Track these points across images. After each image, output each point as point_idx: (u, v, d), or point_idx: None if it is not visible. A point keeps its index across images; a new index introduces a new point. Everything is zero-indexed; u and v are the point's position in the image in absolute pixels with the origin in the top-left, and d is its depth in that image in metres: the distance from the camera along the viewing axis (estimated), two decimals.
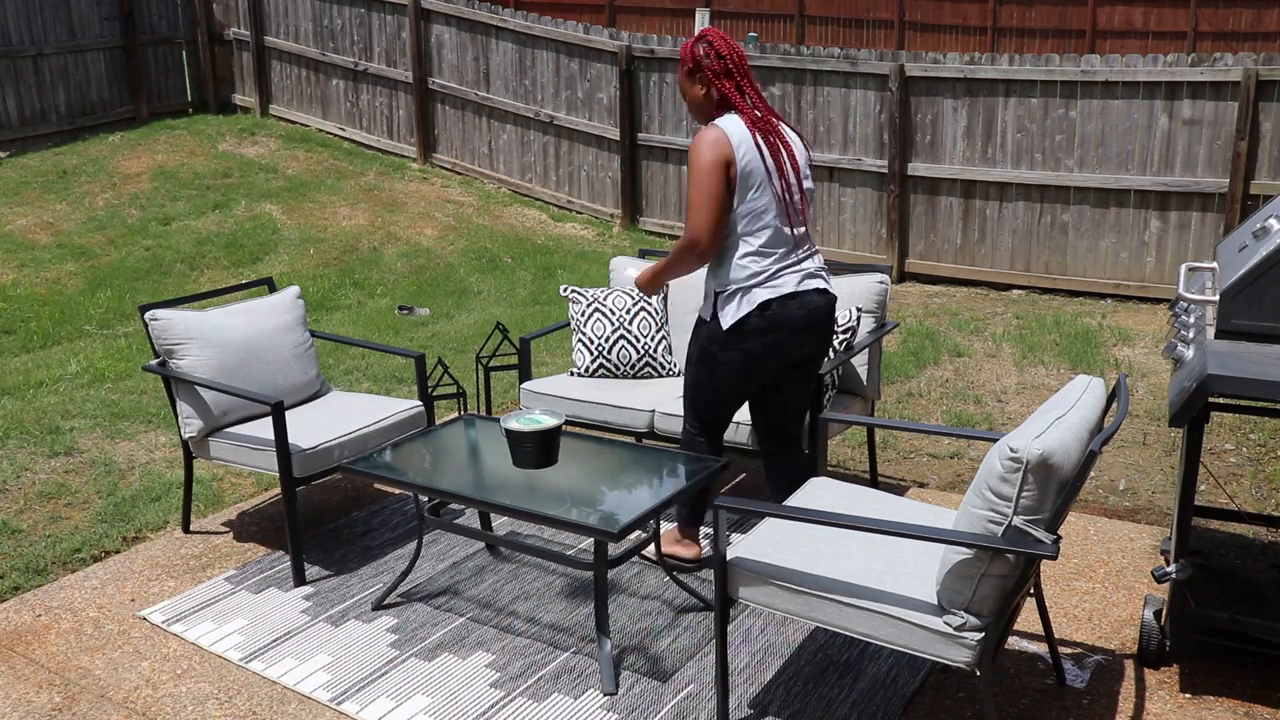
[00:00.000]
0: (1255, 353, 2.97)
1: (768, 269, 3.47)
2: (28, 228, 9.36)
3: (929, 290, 8.31)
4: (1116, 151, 7.68)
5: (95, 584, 3.97)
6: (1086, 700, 3.20)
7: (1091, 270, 7.93)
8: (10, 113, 10.94)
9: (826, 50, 8.54)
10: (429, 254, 9.17)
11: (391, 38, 10.99)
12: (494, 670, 3.39)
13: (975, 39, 13.79)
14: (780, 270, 3.49)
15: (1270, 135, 7.23)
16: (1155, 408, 5.58)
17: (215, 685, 3.35)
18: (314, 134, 11.76)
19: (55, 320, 7.73)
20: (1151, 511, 4.48)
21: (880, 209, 8.52)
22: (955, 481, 4.79)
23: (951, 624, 2.68)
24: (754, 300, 3.45)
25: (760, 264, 3.46)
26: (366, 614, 3.73)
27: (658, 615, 3.69)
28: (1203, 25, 12.71)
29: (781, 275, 3.49)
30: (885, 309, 4.46)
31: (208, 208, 9.82)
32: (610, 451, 3.80)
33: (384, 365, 6.52)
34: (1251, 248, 3.16)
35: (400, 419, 4.29)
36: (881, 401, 5.69)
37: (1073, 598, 3.77)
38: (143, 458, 5.07)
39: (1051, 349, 6.56)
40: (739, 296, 3.48)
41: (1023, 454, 2.55)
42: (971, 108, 8.04)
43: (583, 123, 9.83)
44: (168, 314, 4.15)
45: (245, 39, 12.15)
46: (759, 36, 14.67)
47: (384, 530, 4.38)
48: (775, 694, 3.25)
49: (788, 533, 3.13)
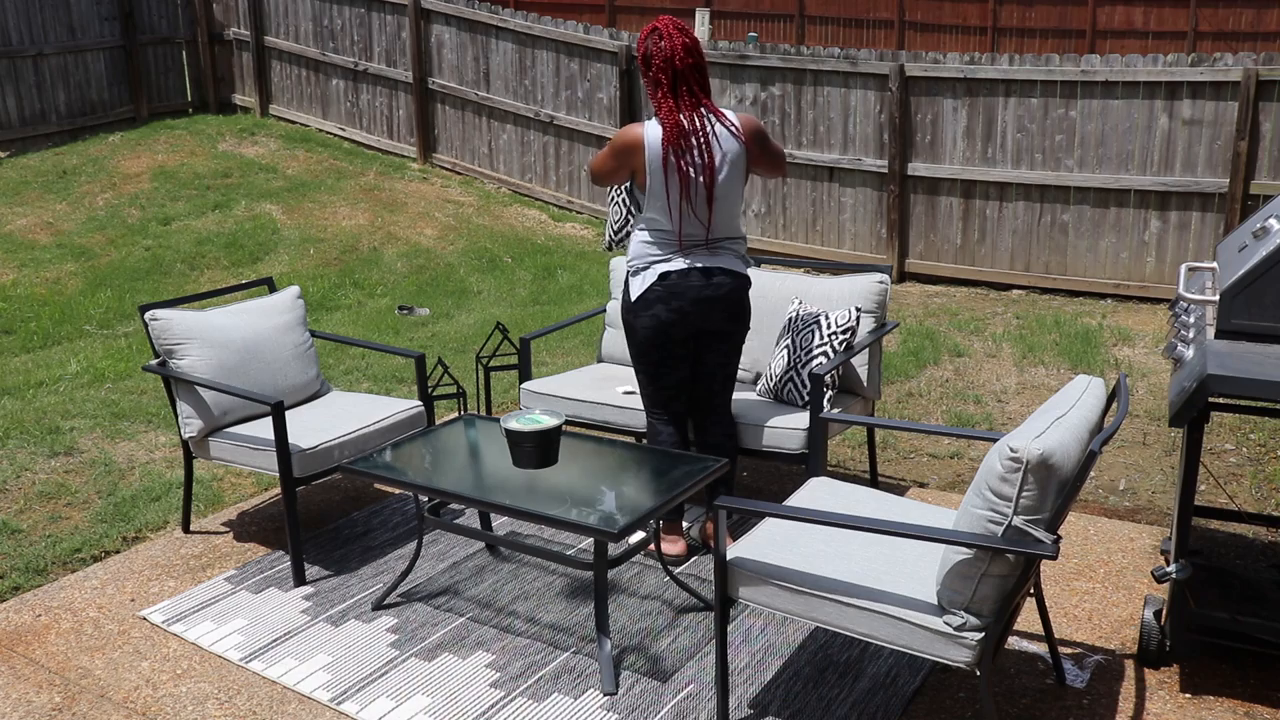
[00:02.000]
0: (1255, 353, 2.97)
1: (668, 251, 3.82)
2: (28, 228, 9.36)
3: (929, 290, 8.31)
4: (1116, 151, 7.68)
5: (95, 584, 3.97)
6: (1086, 700, 3.20)
7: (1091, 270, 7.93)
8: (10, 113, 10.94)
9: (826, 50, 8.54)
10: (429, 254, 9.17)
11: (391, 38, 11.00)
12: (494, 670, 3.39)
13: (975, 39, 13.79)
14: (682, 253, 3.82)
15: (1270, 135, 7.23)
16: (1155, 408, 5.58)
17: (215, 685, 3.35)
18: (314, 134, 11.76)
19: (55, 320, 7.73)
20: (1151, 511, 4.48)
21: (880, 209, 8.52)
22: (955, 481, 4.79)
23: (951, 624, 2.68)
24: (655, 272, 3.82)
25: (662, 248, 3.82)
26: (366, 614, 3.73)
27: (658, 615, 3.69)
28: (1203, 25, 12.71)
29: (684, 256, 3.82)
30: (885, 309, 4.46)
31: (208, 208, 9.82)
32: (610, 451, 3.80)
33: (384, 365, 6.52)
34: (1251, 248, 3.16)
35: (400, 419, 4.29)
36: (881, 401, 5.69)
37: (1073, 598, 3.77)
38: (143, 458, 5.07)
39: (1051, 349, 6.56)
40: (643, 272, 3.84)
41: (1023, 454, 2.55)
42: (971, 108, 8.04)
43: (583, 123, 9.83)
44: (168, 314, 4.15)
45: (245, 39, 12.15)
46: (759, 36, 14.68)
47: (384, 530, 4.38)
48: (775, 694, 3.25)
49: (788, 533, 3.13)
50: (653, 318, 3.83)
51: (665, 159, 3.69)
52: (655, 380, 3.97)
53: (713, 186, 3.73)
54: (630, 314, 3.89)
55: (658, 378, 3.97)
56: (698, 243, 3.83)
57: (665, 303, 3.80)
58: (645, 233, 3.85)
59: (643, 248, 3.85)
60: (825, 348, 4.19)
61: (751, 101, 8.87)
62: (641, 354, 3.94)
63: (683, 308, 3.81)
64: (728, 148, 3.75)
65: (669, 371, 3.95)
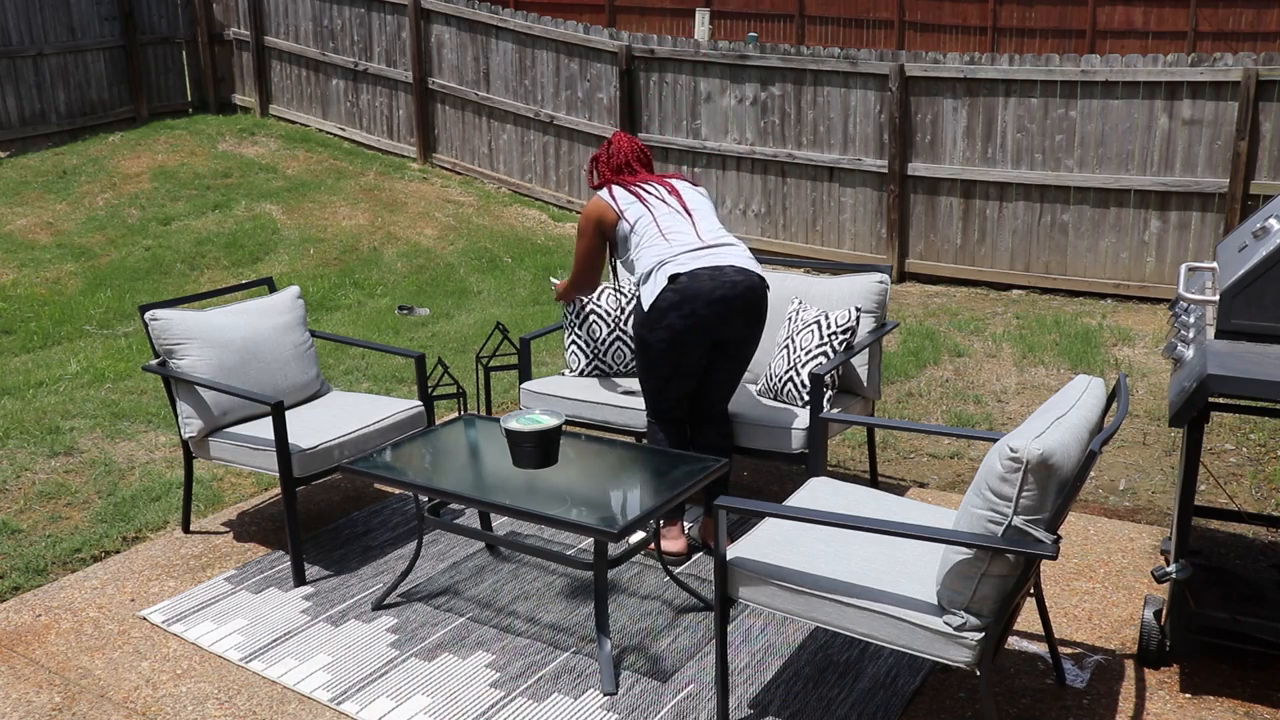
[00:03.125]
0: (1255, 353, 2.97)
1: (671, 251, 3.86)
2: (28, 228, 9.36)
3: (929, 290, 8.31)
4: (1116, 151, 7.68)
5: (95, 584, 3.97)
6: (1086, 700, 3.20)
7: (1091, 270, 7.94)
8: (10, 113, 10.94)
9: (826, 50, 8.54)
10: (429, 254, 9.17)
11: (391, 37, 11.00)
12: (494, 670, 3.39)
13: (975, 39, 13.79)
14: (686, 253, 3.86)
15: (1270, 135, 7.23)
16: (1155, 408, 5.58)
17: (215, 685, 3.35)
18: (314, 134, 11.76)
19: (55, 320, 7.73)
20: (1151, 511, 4.48)
21: (880, 209, 8.52)
22: (955, 481, 4.79)
23: (951, 624, 2.68)
24: (665, 275, 3.81)
25: (663, 249, 3.88)
26: (366, 614, 3.73)
27: (658, 615, 3.69)
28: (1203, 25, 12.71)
29: (688, 255, 3.85)
30: (885, 309, 4.46)
31: (208, 208, 9.82)
32: (610, 451, 3.80)
33: (384, 365, 6.52)
34: (1251, 248, 3.16)
35: (400, 419, 4.29)
36: (881, 401, 5.69)
37: (1073, 598, 3.77)
38: (143, 458, 5.08)
39: (1051, 349, 6.56)
40: (653, 276, 3.86)
41: (1023, 454, 2.55)
42: (971, 108, 8.04)
43: (583, 123, 9.83)
44: (168, 314, 4.15)
45: (245, 39, 12.15)
46: (759, 36, 14.68)
47: (384, 530, 4.38)
48: (775, 694, 3.25)
49: (788, 533, 3.13)
50: (667, 329, 3.80)
51: (636, 194, 3.99)
52: (663, 391, 3.95)
53: (684, 202, 4.00)
54: (645, 328, 3.86)
55: (666, 390, 3.95)
56: (696, 247, 3.87)
57: (678, 309, 3.77)
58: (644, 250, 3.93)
59: (646, 259, 3.90)
60: (825, 348, 4.19)
61: (751, 101, 8.88)
62: (652, 368, 3.91)
63: (696, 311, 3.77)
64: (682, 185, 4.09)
65: (679, 384, 3.93)
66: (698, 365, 3.90)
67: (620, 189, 4.03)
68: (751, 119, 8.91)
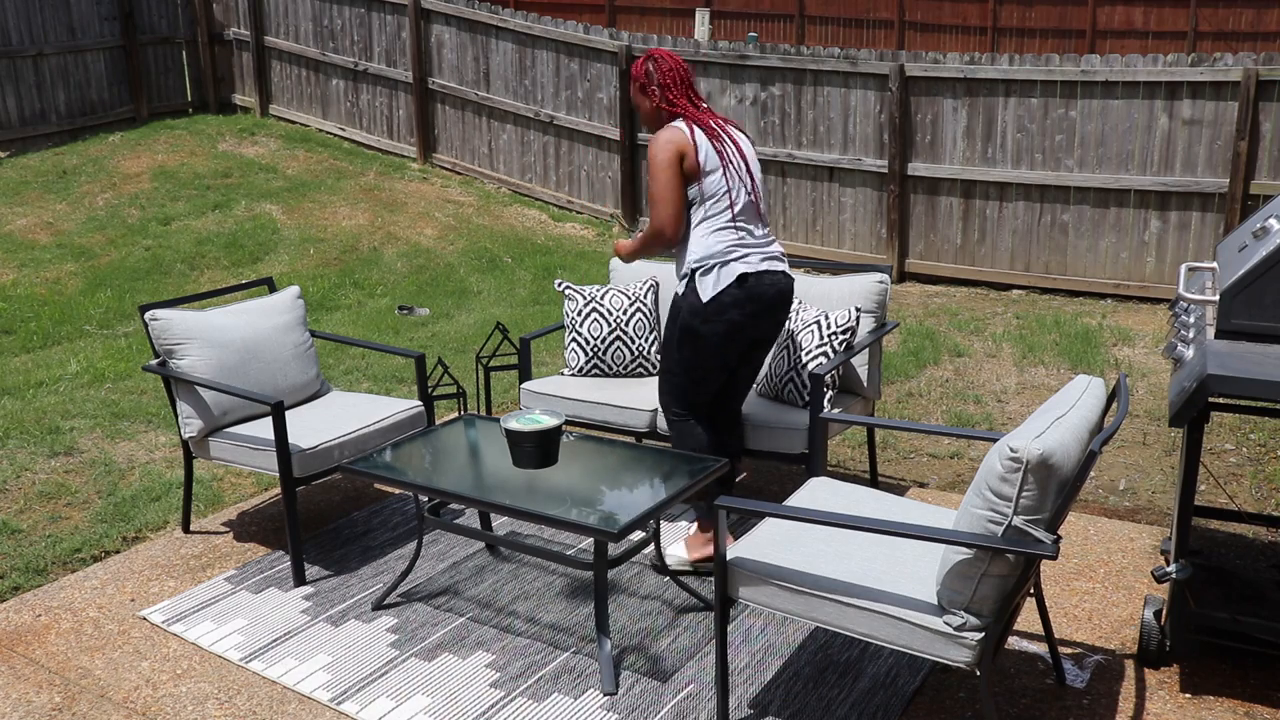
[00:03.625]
0: (1255, 353, 2.97)
1: (738, 244, 3.69)
2: (28, 228, 9.36)
3: (929, 290, 8.31)
4: (1116, 151, 7.68)
5: (95, 584, 3.97)
6: (1086, 700, 3.20)
7: (1091, 270, 7.93)
8: (10, 113, 10.94)
9: (826, 50, 8.54)
10: (429, 254, 9.17)
11: (391, 38, 10.99)
12: (494, 670, 3.39)
13: (975, 39, 13.79)
14: (749, 247, 3.72)
15: (1270, 135, 7.23)
16: (1155, 408, 5.58)
17: (215, 685, 3.35)
18: (314, 134, 11.76)
19: (55, 320, 7.73)
20: (1151, 511, 4.48)
21: (880, 209, 8.52)
22: (955, 481, 4.79)
23: (951, 624, 2.68)
24: (732, 273, 3.66)
25: (731, 238, 3.68)
26: (366, 614, 3.73)
27: (658, 615, 3.69)
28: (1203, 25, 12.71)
29: (751, 251, 3.72)
30: (885, 309, 4.46)
31: (208, 208, 9.82)
32: (610, 451, 3.80)
33: (384, 365, 6.52)
34: (1251, 248, 3.16)
35: (400, 419, 4.29)
36: (881, 401, 5.69)
37: (1073, 598, 3.77)
38: (143, 458, 5.07)
39: (1051, 349, 6.56)
40: (716, 269, 3.67)
41: (1023, 454, 2.55)
42: (971, 108, 8.04)
43: (583, 122, 9.83)
44: (168, 314, 4.15)
45: (245, 39, 12.15)
46: (759, 36, 14.68)
47: (384, 530, 4.38)
48: (775, 694, 3.25)
49: (788, 533, 3.13)
50: (726, 323, 3.68)
51: (719, 153, 3.67)
52: (701, 384, 3.83)
53: (750, 170, 3.76)
54: (698, 317, 3.68)
55: (704, 383, 3.84)
56: (758, 239, 3.76)
57: (741, 307, 3.67)
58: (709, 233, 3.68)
59: (710, 244, 3.67)
60: (825, 348, 4.19)
61: (751, 101, 8.88)
62: (699, 361, 3.75)
63: (757, 311, 3.70)
64: (742, 141, 3.81)
65: (718, 378, 3.85)
66: (737, 360, 3.85)
67: (700, 131, 3.66)
68: (751, 119, 8.91)
